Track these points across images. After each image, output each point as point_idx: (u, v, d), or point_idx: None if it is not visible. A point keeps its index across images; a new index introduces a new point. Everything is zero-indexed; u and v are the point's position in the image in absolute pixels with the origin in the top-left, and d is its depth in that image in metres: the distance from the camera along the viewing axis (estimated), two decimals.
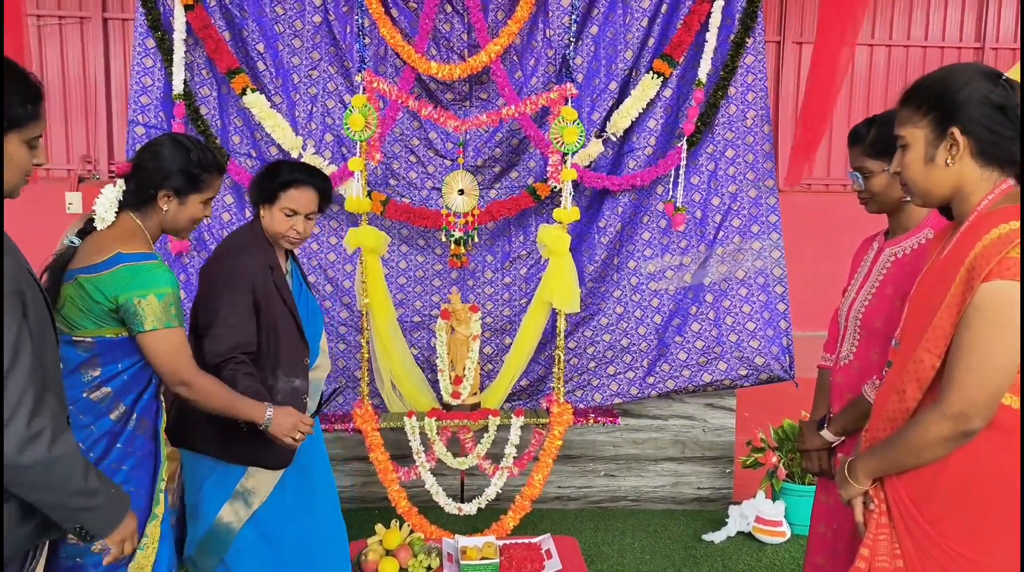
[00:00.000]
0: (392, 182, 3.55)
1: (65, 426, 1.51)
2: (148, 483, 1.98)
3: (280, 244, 2.37)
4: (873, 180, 1.98)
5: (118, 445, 1.93)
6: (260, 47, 3.44)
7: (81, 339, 1.89)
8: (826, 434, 2.09)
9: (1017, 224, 1.37)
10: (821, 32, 3.63)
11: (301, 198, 2.33)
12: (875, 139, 1.95)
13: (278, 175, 2.35)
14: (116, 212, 1.97)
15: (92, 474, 1.55)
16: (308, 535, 2.44)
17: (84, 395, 1.90)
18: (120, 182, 1.99)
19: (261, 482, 2.34)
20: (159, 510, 1.98)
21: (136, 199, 1.99)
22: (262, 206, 2.36)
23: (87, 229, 1.99)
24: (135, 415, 1.95)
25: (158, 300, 1.87)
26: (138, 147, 2.14)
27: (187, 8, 3.29)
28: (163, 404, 2.06)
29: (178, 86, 3.33)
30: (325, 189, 2.41)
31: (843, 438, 2.06)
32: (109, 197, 1.97)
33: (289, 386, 2.33)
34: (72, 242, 1.97)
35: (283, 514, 2.38)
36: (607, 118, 3.52)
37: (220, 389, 2.03)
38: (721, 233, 3.55)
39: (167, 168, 1.98)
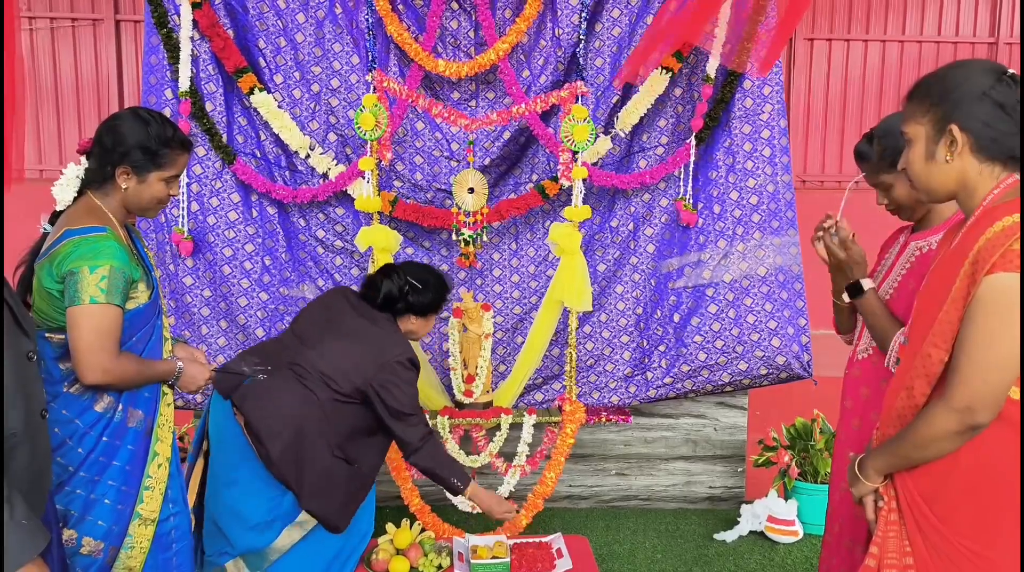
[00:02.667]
0: (397, 183, 3.53)
1: None
2: (132, 482, 1.91)
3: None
4: (895, 191, 1.97)
5: (104, 439, 1.87)
6: (260, 43, 3.43)
7: (52, 334, 1.84)
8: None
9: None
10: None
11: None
12: (882, 153, 1.94)
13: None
14: (79, 192, 1.91)
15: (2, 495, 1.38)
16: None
17: (64, 389, 1.85)
18: (83, 160, 1.92)
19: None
20: (143, 509, 1.91)
21: (97, 177, 1.91)
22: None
23: (55, 214, 1.94)
24: (122, 406, 1.89)
25: (90, 271, 1.77)
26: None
27: (195, 6, 3.29)
28: (164, 398, 2.01)
29: (184, 84, 3.33)
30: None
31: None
32: (68, 176, 1.90)
33: None
34: (45, 230, 1.93)
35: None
36: (612, 114, 3.50)
37: (131, 365, 1.88)
38: (741, 229, 3.48)
39: (125, 143, 1.89)
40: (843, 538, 2.05)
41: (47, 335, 1.85)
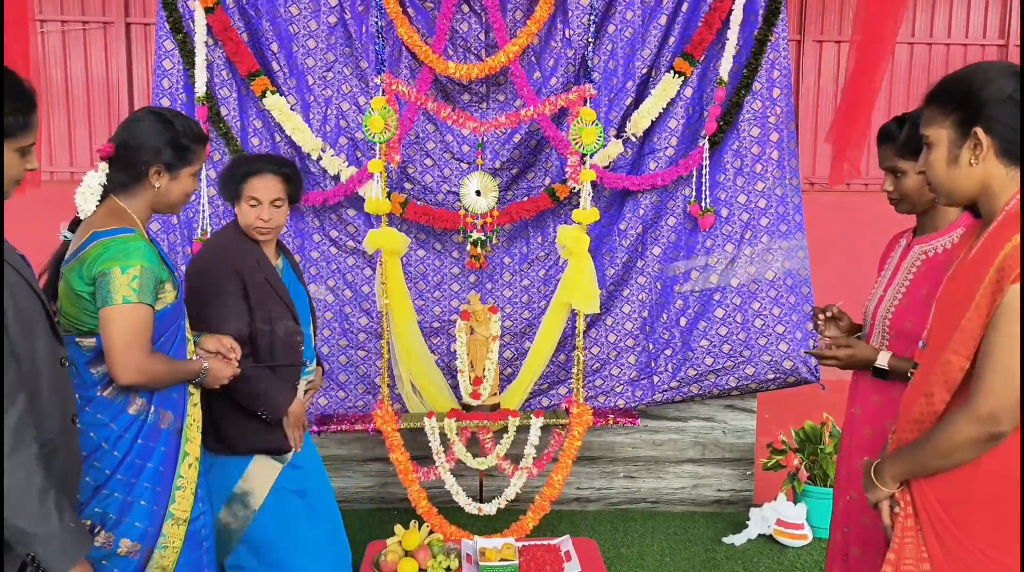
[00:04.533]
0: (407, 186, 3.53)
1: (31, 438, 1.41)
2: (165, 484, 1.93)
3: (256, 237, 2.35)
4: (905, 181, 1.95)
5: (139, 441, 1.89)
6: (274, 47, 3.44)
7: (82, 339, 1.86)
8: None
9: None
10: (861, 28, 3.58)
11: (260, 186, 2.32)
12: (908, 138, 1.90)
13: (238, 168, 2.38)
14: (101, 198, 1.90)
15: (51, 498, 1.43)
16: (306, 547, 2.42)
17: (97, 393, 1.86)
18: (103, 166, 1.90)
19: (257, 483, 2.35)
20: (175, 509, 1.93)
21: (124, 179, 1.91)
22: (235, 203, 2.37)
23: (75, 221, 1.94)
24: (154, 408, 1.91)
25: (121, 272, 1.78)
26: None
27: (207, 11, 3.31)
28: (191, 398, 2.03)
29: (200, 89, 3.35)
30: (286, 174, 2.38)
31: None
32: (91, 184, 1.89)
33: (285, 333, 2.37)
34: (66, 237, 1.94)
35: (281, 521, 2.38)
36: (625, 117, 3.50)
37: (162, 365, 1.89)
38: (749, 233, 3.46)
39: (156, 143, 1.91)
40: (848, 545, 2.04)
41: (77, 340, 1.86)
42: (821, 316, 2.11)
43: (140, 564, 1.89)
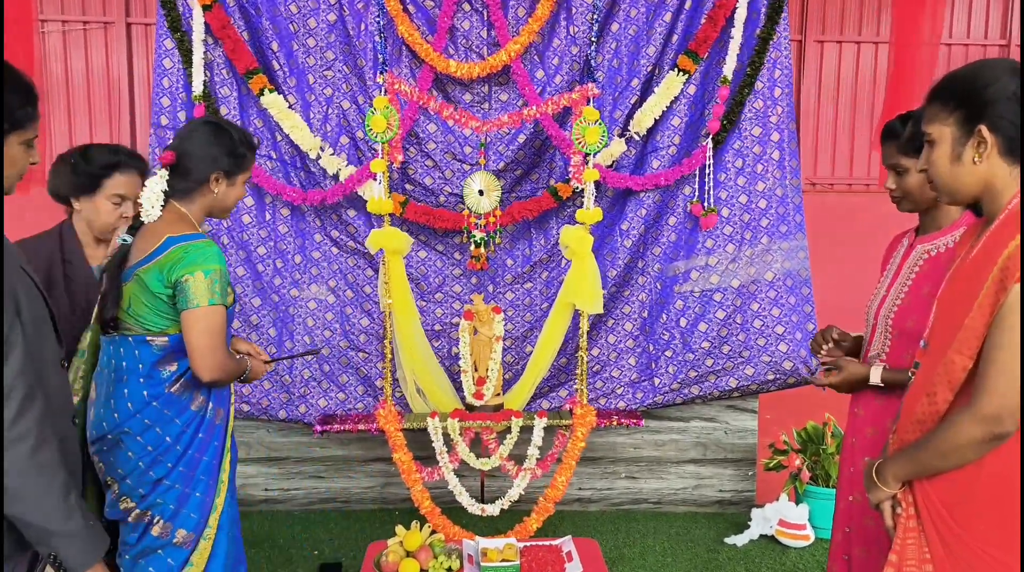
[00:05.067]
0: (408, 187, 3.52)
1: (51, 436, 1.41)
2: (213, 475, 2.02)
3: (104, 238, 2.29)
4: (908, 178, 1.94)
5: (200, 435, 1.98)
6: (274, 46, 3.43)
7: (155, 338, 1.93)
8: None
9: None
10: (897, 30, 3.58)
11: (126, 182, 2.26)
12: (911, 136, 1.89)
13: (97, 158, 2.26)
14: (163, 203, 1.97)
15: (73, 496, 1.44)
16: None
17: (166, 390, 1.94)
18: (163, 172, 1.97)
19: None
20: (219, 501, 2.03)
21: (184, 186, 1.99)
22: (78, 198, 2.26)
23: (136, 225, 2.01)
24: (211, 405, 2.01)
25: (204, 276, 1.88)
26: (158, 149, 2.15)
27: (205, 8, 3.31)
28: (232, 396, 2.12)
29: (197, 87, 3.34)
30: (143, 170, 2.33)
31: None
32: (154, 190, 1.96)
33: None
34: (125, 240, 2.00)
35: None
36: (629, 116, 3.49)
37: (233, 363, 2.00)
38: (749, 233, 3.46)
39: (215, 151, 2.00)
40: (850, 546, 2.03)
41: (148, 339, 1.93)
42: (822, 342, 2.11)
43: (189, 553, 1.97)
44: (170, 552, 1.95)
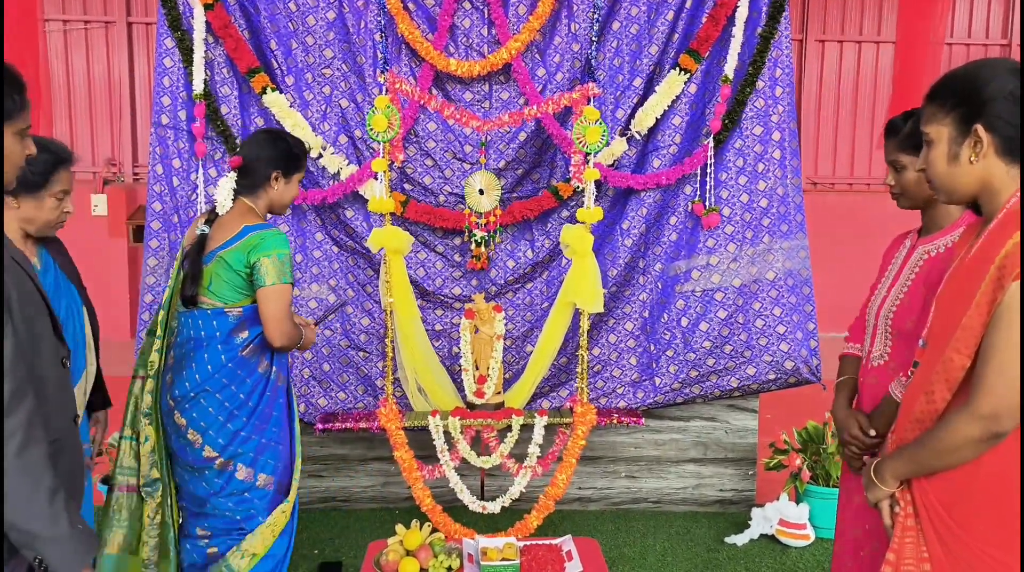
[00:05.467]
0: (407, 186, 3.51)
1: (40, 436, 1.39)
2: (288, 436, 2.39)
3: (51, 234, 2.33)
4: (905, 175, 1.96)
5: (267, 393, 2.33)
6: (272, 44, 3.43)
7: (231, 309, 2.28)
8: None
9: None
10: (902, 30, 3.58)
11: (68, 177, 2.31)
12: (910, 133, 1.91)
13: (46, 156, 2.25)
14: (233, 198, 2.34)
15: (60, 499, 1.40)
16: None
17: (239, 354, 2.28)
18: (232, 174, 2.36)
19: None
20: (298, 450, 2.41)
21: (250, 183, 2.36)
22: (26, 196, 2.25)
23: (211, 219, 2.34)
24: (274, 368, 2.36)
25: (278, 258, 2.23)
26: (158, 148, 2.35)
27: (207, 7, 3.30)
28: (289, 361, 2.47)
29: (198, 86, 3.34)
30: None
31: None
32: (226, 187, 2.34)
33: None
34: (204, 231, 2.32)
35: None
36: (632, 115, 3.48)
37: (297, 331, 2.35)
38: (750, 232, 3.44)
39: (274, 154, 2.37)
40: (860, 544, 2.03)
41: (226, 310, 2.28)
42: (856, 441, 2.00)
43: (274, 494, 2.34)
44: (255, 493, 2.32)
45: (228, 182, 2.34)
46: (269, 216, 2.48)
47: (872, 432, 1.94)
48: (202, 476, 2.31)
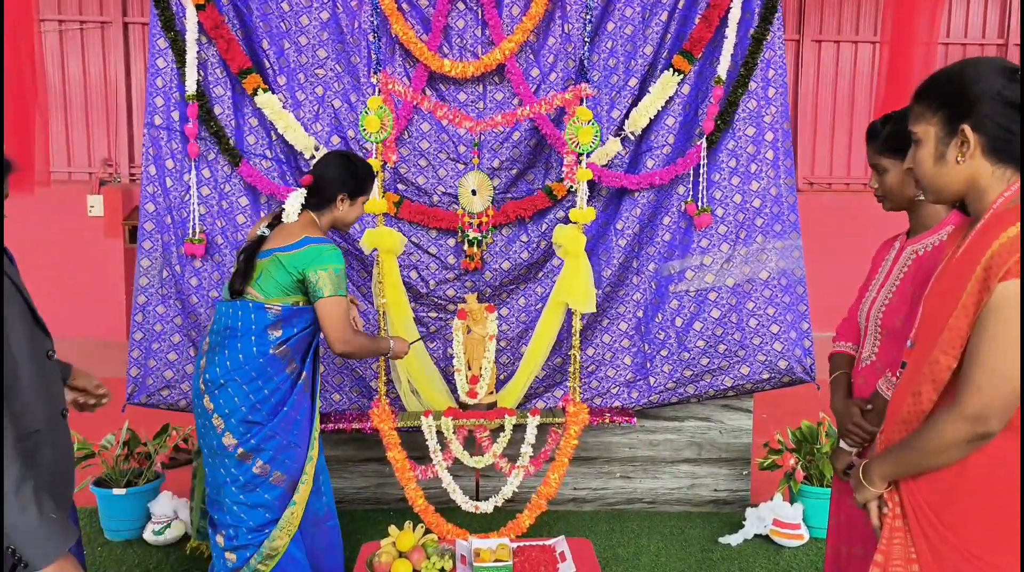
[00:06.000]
0: (401, 187, 3.51)
1: (7, 428, 1.41)
2: (308, 432, 2.50)
3: None
4: (887, 177, 1.97)
5: (294, 395, 2.43)
6: (265, 44, 3.42)
7: (271, 306, 2.40)
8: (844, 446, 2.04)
9: None
10: (892, 29, 3.58)
11: None
12: (889, 136, 1.93)
13: None
14: (300, 211, 2.49)
15: (28, 488, 1.42)
16: None
17: (270, 351, 2.39)
18: (302, 190, 2.52)
19: None
20: (313, 454, 2.51)
21: (318, 201, 2.53)
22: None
23: (274, 223, 2.52)
24: (303, 372, 2.47)
25: (334, 272, 2.38)
26: (151, 149, 2.34)
27: (199, 8, 3.30)
28: (319, 369, 2.57)
29: (191, 87, 3.33)
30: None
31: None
32: (296, 200, 2.50)
33: None
34: (264, 233, 2.49)
35: None
36: (626, 116, 3.47)
37: (365, 341, 2.55)
38: (744, 232, 3.45)
39: (343, 177, 2.53)
40: (853, 544, 2.03)
41: (267, 306, 2.40)
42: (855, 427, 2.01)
43: (284, 491, 2.44)
44: (266, 488, 2.43)
45: (298, 197, 2.50)
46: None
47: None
48: (221, 462, 2.44)
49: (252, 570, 2.44)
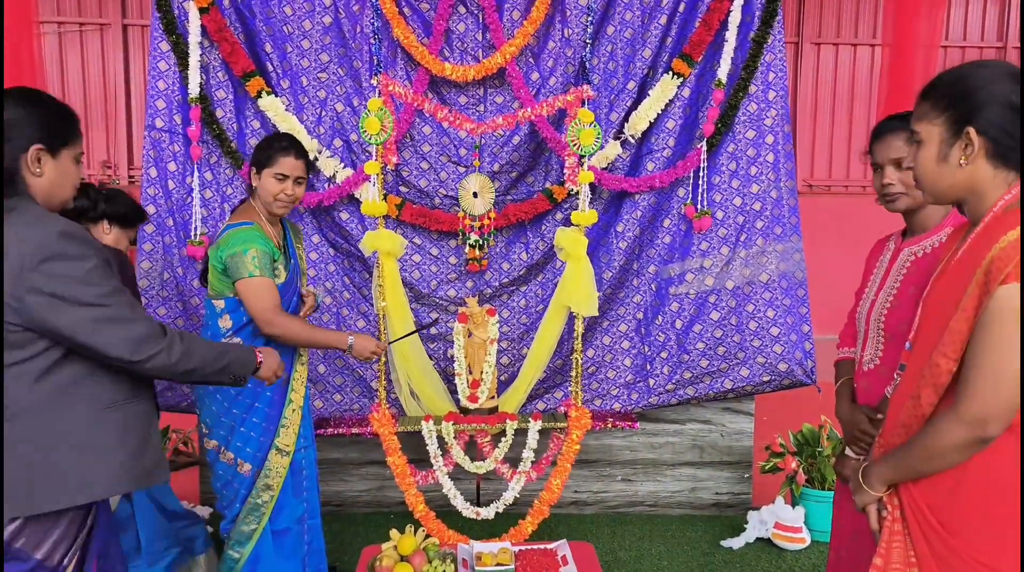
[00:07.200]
0: (403, 189, 3.51)
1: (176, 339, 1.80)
2: (276, 421, 2.53)
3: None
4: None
5: (249, 385, 2.35)
6: (268, 47, 3.43)
7: (216, 300, 2.48)
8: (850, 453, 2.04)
9: None
10: (891, 33, 3.58)
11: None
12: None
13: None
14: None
15: (220, 346, 1.94)
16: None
17: (223, 340, 2.44)
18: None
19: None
20: (279, 443, 2.53)
21: (249, 185, 2.58)
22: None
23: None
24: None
25: (243, 254, 2.38)
26: (151, 151, 2.42)
27: (202, 11, 3.30)
28: (300, 358, 2.61)
29: (193, 90, 3.34)
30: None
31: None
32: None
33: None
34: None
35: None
36: (626, 119, 3.48)
37: (301, 326, 2.50)
38: (744, 235, 3.46)
39: (255, 155, 2.55)
40: (855, 547, 2.03)
41: (213, 301, 2.49)
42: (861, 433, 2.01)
43: (251, 481, 2.50)
44: (237, 479, 2.51)
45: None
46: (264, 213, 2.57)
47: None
48: (206, 453, 2.59)
49: (230, 548, 2.55)
